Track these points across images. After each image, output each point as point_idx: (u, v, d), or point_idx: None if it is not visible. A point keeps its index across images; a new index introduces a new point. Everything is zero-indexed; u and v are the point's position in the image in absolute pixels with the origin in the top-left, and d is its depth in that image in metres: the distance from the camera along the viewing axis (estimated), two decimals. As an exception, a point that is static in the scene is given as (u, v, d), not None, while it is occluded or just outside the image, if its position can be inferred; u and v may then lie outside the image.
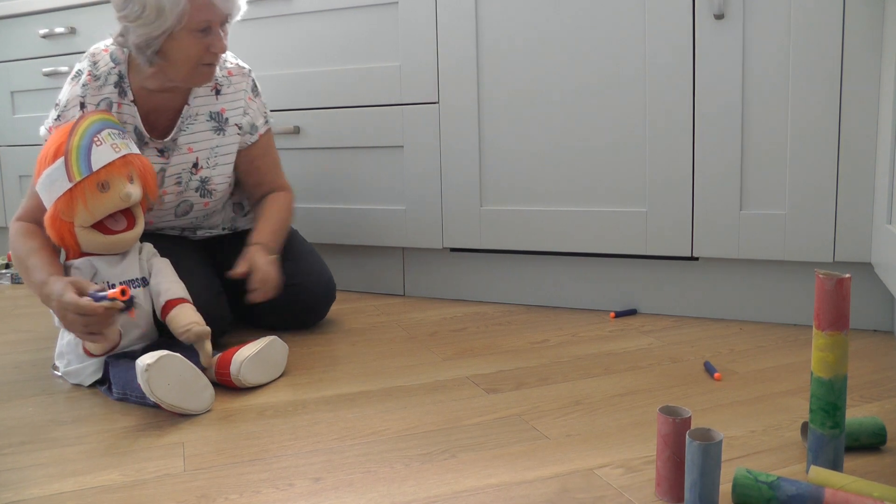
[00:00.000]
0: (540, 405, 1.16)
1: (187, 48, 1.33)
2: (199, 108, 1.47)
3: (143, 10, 1.27)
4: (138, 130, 1.42)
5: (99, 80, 1.39)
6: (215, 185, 1.51)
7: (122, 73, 1.40)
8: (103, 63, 1.40)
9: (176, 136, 1.45)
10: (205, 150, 1.48)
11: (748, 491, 0.84)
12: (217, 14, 1.33)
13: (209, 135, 1.48)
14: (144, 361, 1.08)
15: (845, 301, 0.85)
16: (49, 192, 1.23)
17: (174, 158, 1.46)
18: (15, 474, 0.98)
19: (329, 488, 0.92)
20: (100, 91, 1.39)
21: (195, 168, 1.48)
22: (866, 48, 1.38)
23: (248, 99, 1.52)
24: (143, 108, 1.43)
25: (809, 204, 1.47)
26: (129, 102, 1.41)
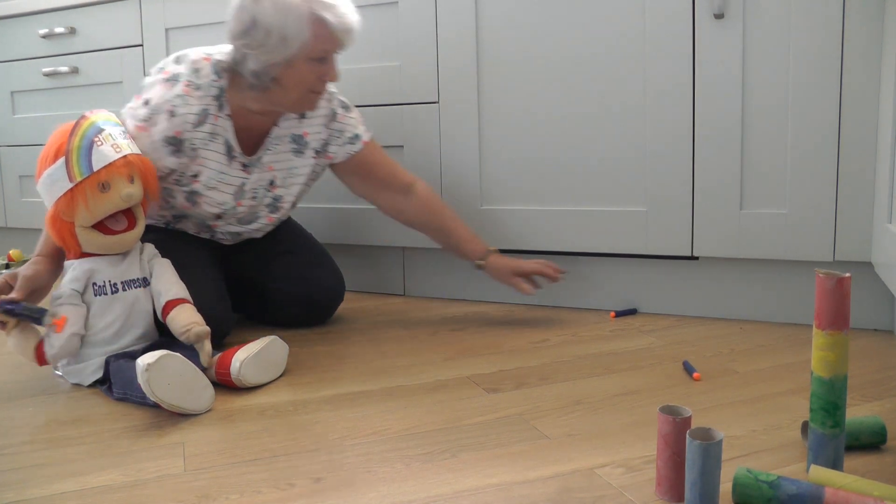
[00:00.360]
0: (541, 405, 1.16)
1: (302, 76, 1.34)
2: (285, 130, 1.49)
3: (267, 37, 1.29)
4: (229, 144, 1.42)
5: (200, 90, 1.37)
6: (285, 203, 1.55)
7: (223, 88, 1.39)
8: (205, 73, 1.38)
9: (261, 155, 1.47)
10: (282, 171, 1.50)
11: (749, 490, 0.84)
12: (336, 44, 1.35)
13: (289, 156, 1.50)
14: (145, 361, 1.08)
15: (845, 300, 0.85)
16: (50, 192, 1.23)
17: (255, 175, 1.47)
18: (16, 474, 0.98)
19: (330, 488, 0.92)
20: (199, 101, 1.37)
21: (271, 185, 1.50)
22: (866, 47, 1.38)
23: (340, 118, 1.53)
24: (238, 125, 1.43)
25: (810, 203, 1.47)
26: (225, 116, 1.40)
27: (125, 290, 1.28)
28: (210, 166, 1.41)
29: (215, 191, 1.44)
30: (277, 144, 1.48)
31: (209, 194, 1.44)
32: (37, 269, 1.30)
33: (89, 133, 1.23)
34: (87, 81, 2.26)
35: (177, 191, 1.44)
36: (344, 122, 1.53)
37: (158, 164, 1.37)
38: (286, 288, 1.61)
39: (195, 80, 1.37)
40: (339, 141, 1.54)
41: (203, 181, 1.42)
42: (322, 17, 1.31)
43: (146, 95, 1.38)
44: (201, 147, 1.39)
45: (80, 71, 2.26)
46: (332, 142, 1.53)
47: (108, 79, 2.22)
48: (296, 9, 1.28)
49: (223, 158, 1.42)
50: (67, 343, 1.24)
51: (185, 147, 1.38)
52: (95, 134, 1.24)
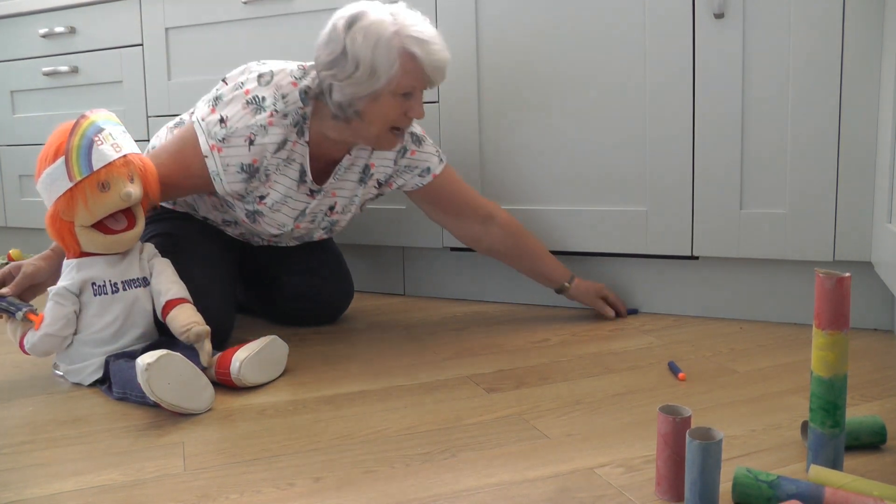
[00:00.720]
0: (540, 404, 1.16)
1: (387, 110, 1.31)
2: (355, 160, 1.46)
3: (357, 69, 1.26)
4: (303, 169, 1.40)
5: (286, 119, 1.33)
6: (339, 227, 1.55)
7: (306, 115, 1.36)
8: (292, 100, 1.33)
9: (331, 181, 1.45)
10: (344, 198, 1.49)
11: (748, 490, 0.84)
12: (424, 81, 1.32)
13: (353, 185, 1.49)
14: (144, 361, 1.08)
15: (845, 300, 0.85)
16: (49, 192, 1.23)
17: (318, 200, 1.45)
18: (15, 474, 0.98)
19: (329, 487, 0.92)
20: (282, 129, 1.33)
21: (331, 211, 1.49)
22: (866, 46, 1.38)
23: (411, 154, 1.49)
24: (313, 152, 1.41)
25: (809, 203, 1.47)
26: (303, 143, 1.38)
27: (125, 290, 1.28)
28: (279, 189, 1.39)
29: (279, 213, 1.43)
30: (346, 172, 1.46)
31: (272, 216, 1.42)
32: (39, 266, 1.32)
33: (89, 132, 1.23)
34: (86, 81, 2.26)
35: (238, 207, 1.42)
36: (414, 157, 1.50)
37: (228, 187, 1.35)
38: (299, 282, 1.62)
39: (282, 107, 1.32)
40: (408, 175, 1.51)
41: (269, 203, 1.40)
42: (413, 53, 1.28)
43: (223, 111, 1.32)
44: (274, 171, 1.37)
45: (79, 70, 2.26)
46: (400, 175, 1.51)
47: (108, 78, 2.22)
48: (387, 42, 1.26)
49: (293, 184, 1.40)
50: (40, 342, 1.25)
51: (259, 174, 1.35)
52: (95, 133, 1.23)
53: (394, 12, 1.29)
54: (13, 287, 1.29)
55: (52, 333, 1.24)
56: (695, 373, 1.29)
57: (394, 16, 1.29)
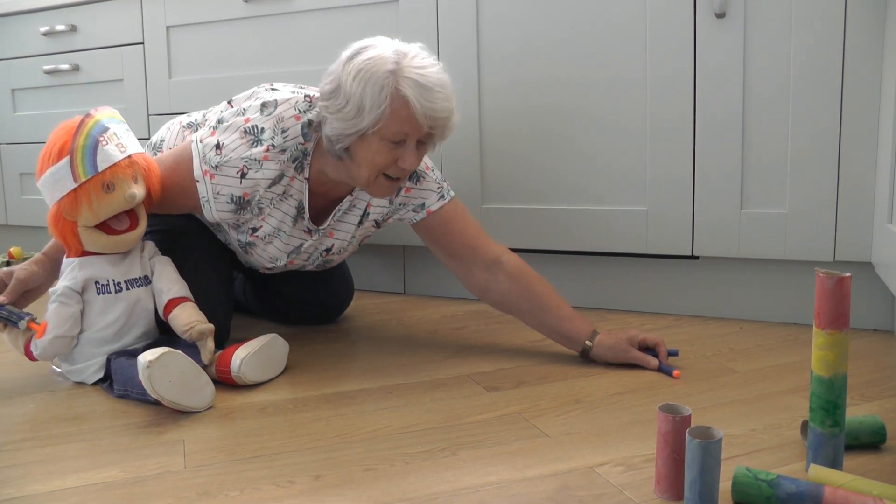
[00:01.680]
0: (540, 403, 1.16)
1: (375, 154, 1.21)
2: (355, 201, 1.40)
3: (346, 104, 1.18)
4: (301, 207, 1.35)
5: (284, 154, 1.27)
6: (334, 263, 1.53)
7: (307, 151, 1.30)
8: (292, 134, 1.27)
9: (330, 222, 1.40)
10: (342, 240, 1.45)
11: (748, 489, 0.84)
12: (416, 129, 1.20)
13: (351, 226, 1.43)
14: (146, 358, 1.09)
15: (845, 300, 0.86)
16: (52, 191, 1.22)
17: (315, 238, 1.41)
18: (17, 470, 0.98)
19: (329, 485, 0.92)
20: (279, 164, 1.27)
21: (327, 252, 1.46)
22: (868, 46, 1.38)
23: (405, 192, 1.39)
24: (314, 190, 1.35)
25: (810, 203, 1.47)
26: (302, 179, 1.32)
27: (128, 290, 1.28)
28: (272, 223, 1.35)
29: (271, 246, 1.40)
30: (346, 214, 1.41)
31: (264, 248, 1.40)
32: (32, 271, 1.30)
33: (94, 132, 1.22)
34: (87, 79, 2.26)
35: (232, 234, 1.40)
36: (409, 195, 1.40)
37: (217, 215, 1.31)
38: (299, 291, 1.63)
39: (280, 142, 1.26)
40: (402, 212, 1.43)
41: (261, 235, 1.37)
42: (405, 97, 1.16)
43: (220, 137, 1.27)
44: (268, 205, 1.32)
45: (80, 69, 2.26)
46: (393, 214, 1.44)
47: (108, 76, 2.22)
48: (379, 80, 1.16)
49: (289, 220, 1.35)
50: (50, 346, 1.25)
51: (251, 207, 1.31)
52: (100, 133, 1.22)
53: (401, 50, 1.19)
54: (8, 294, 1.27)
55: (61, 335, 1.24)
56: (695, 372, 1.29)
57: (398, 54, 1.18)
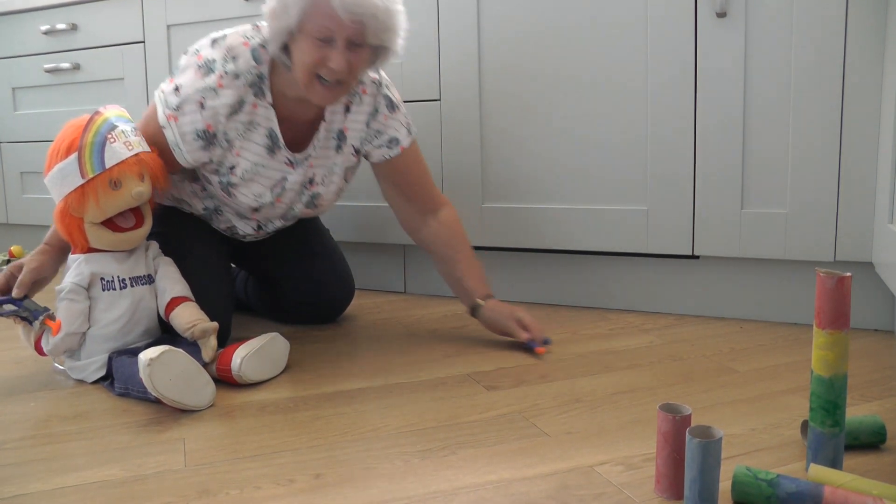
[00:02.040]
0: (540, 402, 1.17)
1: (305, 54, 1.22)
2: (331, 125, 1.41)
3: (276, 4, 1.21)
4: (273, 135, 1.34)
5: (238, 80, 1.28)
6: (323, 201, 1.48)
7: (262, 74, 1.30)
8: (243, 61, 1.28)
9: (310, 151, 1.40)
10: (322, 168, 1.43)
11: (748, 488, 0.84)
12: (340, 26, 1.20)
13: (331, 153, 1.43)
14: (147, 356, 1.09)
15: (846, 299, 0.86)
16: (60, 187, 1.23)
17: (298, 170, 1.40)
18: (17, 469, 0.98)
19: (329, 484, 0.92)
20: (235, 91, 1.28)
21: (310, 184, 1.44)
22: (869, 46, 1.38)
23: (382, 118, 1.43)
24: (281, 115, 1.35)
25: (811, 203, 1.47)
26: (266, 105, 1.32)
27: (133, 287, 1.29)
28: (248, 157, 1.34)
29: (253, 182, 1.37)
30: (325, 140, 1.41)
31: (246, 186, 1.37)
32: (42, 261, 1.30)
33: (103, 129, 1.23)
34: (88, 78, 2.26)
35: (213, 179, 1.38)
36: (385, 122, 1.44)
37: (189, 156, 1.31)
38: (300, 290, 1.63)
39: (232, 68, 1.28)
40: (377, 142, 1.45)
41: (239, 174, 1.35)
42: None
43: (178, 80, 1.30)
44: (237, 138, 1.32)
45: (81, 67, 2.26)
46: (370, 141, 1.45)
47: (109, 75, 2.22)
48: None
49: (264, 151, 1.35)
50: (62, 343, 1.25)
51: (219, 140, 1.31)
52: (109, 131, 1.23)
53: None
54: (21, 287, 1.26)
55: (72, 332, 1.25)
56: (695, 372, 1.29)
57: None
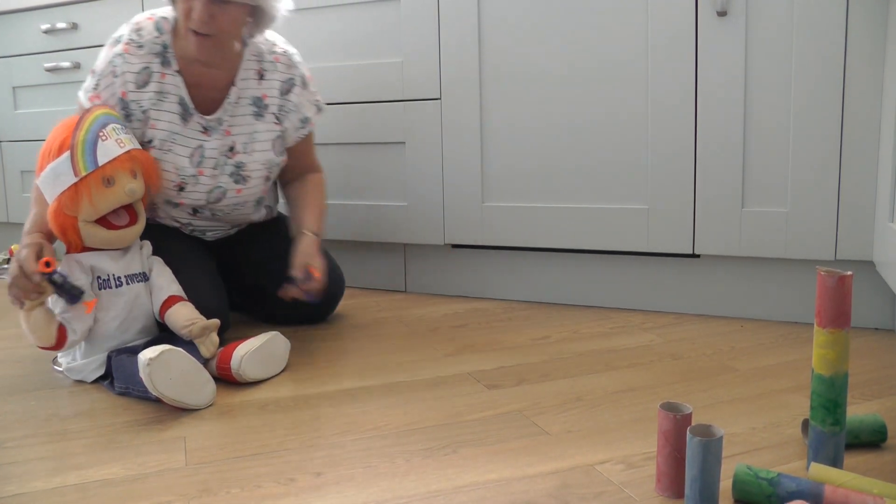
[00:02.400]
0: (541, 401, 1.17)
1: (179, 10, 1.32)
2: (244, 91, 1.45)
3: None
4: (183, 102, 1.40)
5: (142, 48, 1.36)
6: (250, 172, 1.48)
7: (166, 44, 1.38)
8: (147, 31, 1.37)
9: (222, 115, 1.43)
10: (242, 135, 1.46)
11: (748, 487, 0.84)
12: None
13: (249, 119, 1.46)
14: (147, 356, 1.09)
15: (847, 298, 0.86)
16: (53, 186, 1.23)
17: (214, 138, 1.43)
18: (18, 467, 0.98)
19: (330, 483, 0.92)
20: (141, 59, 1.36)
21: (231, 151, 1.45)
22: (869, 44, 1.38)
23: (296, 93, 1.50)
24: (189, 81, 1.40)
25: (811, 201, 1.47)
26: (173, 73, 1.38)
27: (129, 284, 1.29)
28: (162, 127, 1.39)
29: (171, 154, 1.40)
30: (236, 106, 1.45)
31: (165, 158, 1.40)
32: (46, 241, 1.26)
33: (94, 127, 1.23)
34: (89, 77, 2.26)
35: None
36: (299, 98, 1.50)
37: None
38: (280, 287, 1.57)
39: (136, 38, 1.37)
40: (293, 118, 1.50)
41: (157, 145, 1.39)
42: None
43: (94, 67, 1.39)
44: (151, 108, 1.37)
45: (81, 66, 2.26)
46: (287, 116, 1.50)
47: (110, 74, 2.22)
48: None
49: (177, 118, 1.40)
50: (86, 329, 1.24)
51: (134, 110, 1.36)
52: (100, 129, 1.24)
53: None
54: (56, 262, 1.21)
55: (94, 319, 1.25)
56: (695, 370, 1.29)
57: None
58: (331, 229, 1.94)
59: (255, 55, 1.46)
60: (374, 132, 1.85)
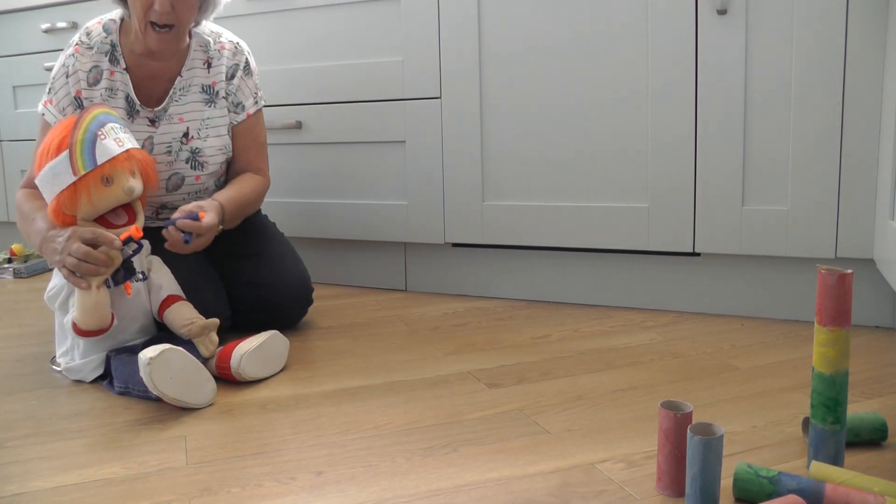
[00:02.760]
0: (541, 400, 1.17)
1: (135, 3, 1.34)
2: (191, 80, 1.49)
3: None
4: (130, 99, 1.44)
5: (92, 49, 1.42)
6: (207, 157, 1.50)
7: (114, 42, 1.43)
8: (96, 33, 1.43)
9: (167, 105, 1.47)
10: (195, 122, 1.49)
11: (749, 486, 0.84)
12: None
13: (200, 106, 1.50)
14: (147, 355, 1.09)
15: (847, 296, 0.85)
16: (52, 186, 1.23)
17: (163, 127, 1.46)
18: (19, 467, 0.98)
19: (331, 482, 0.92)
20: (91, 59, 1.42)
21: (185, 138, 1.48)
22: (870, 42, 1.38)
23: (238, 80, 1.53)
24: (136, 76, 1.44)
25: (812, 200, 1.47)
26: (121, 70, 1.43)
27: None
28: None
29: None
30: (184, 95, 1.48)
31: None
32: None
33: (92, 127, 1.23)
34: (89, 76, 2.26)
35: None
36: (239, 83, 1.53)
37: None
38: (248, 293, 1.53)
39: (86, 40, 1.42)
40: (233, 99, 1.53)
41: None
42: None
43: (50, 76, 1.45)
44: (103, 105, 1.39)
45: (82, 65, 2.26)
46: (227, 98, 1.53)
47: (110, 73, 2.22)
48: None
49: (124, 115, 1.43)
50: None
51: None
52: (98, 127, 1.23)
53: None
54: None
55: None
56: (696, 369, 1.29)
57: None
58: (331, 228, 1.94)
59: (202, 45, 1.51)
60: (374, 131, 1.85)
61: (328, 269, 2.04)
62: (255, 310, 1.54)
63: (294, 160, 1.97)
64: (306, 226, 1.98)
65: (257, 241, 1.60)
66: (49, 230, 1.26)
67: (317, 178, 1.95)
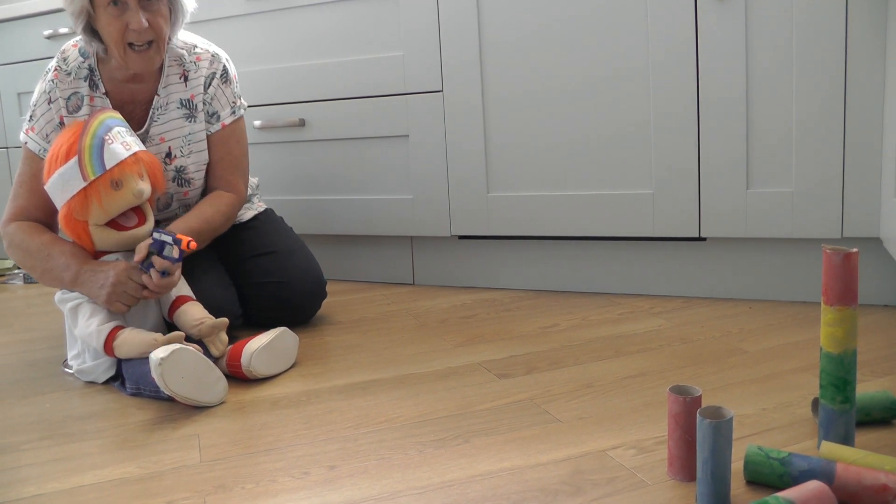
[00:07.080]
0: (551, 389, 1.17)
1: (108, 26, 1.31)
2: (169, 97, 1.45)
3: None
4: None
5: (70, 75, 1.40)
6: (192, 175, 1.48)
7: (91, 67, 1.41)
8: (73, 58, 1.41)
9: (149, 127, 1.44)
10: (177, 139, 1.46)
11: (760, 468, 0.84)
12: None
13: (181, 122, 1.46)
14: (158, 355, 1.10)
15: (853, 275, 0.85)
16: (62, 192, 1.24)
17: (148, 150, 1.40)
18: (35, 469, 0.99)
19: (344, 476, 0.92)
20: (70, 85, 1.40)
21: (169, 158, 1.46)
22: (871, 23, 1.37)
23: (215, 86, 1.49)
24: (116, 100, 1.42)
25: (816, 180, 1.46)
26: (101, 95, 1.42)
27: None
28: None
29: None
30: (164, 113, 1.45)
31: None
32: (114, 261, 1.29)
33: (99, 131, 1.24)
34: (91, 80, 2.26)
35: None
36: (215, 91, 1.49)
37: None
38: (261, 291, 1.54)
39: (64, 66, 1.41)
40: (210, 108, 1.49)
41: None
42: None
43: (31, 103, 1.44)
44: None
45: (84, 70, 2.27)
46: (209, 108, 1.49)
47: (112, 77, 2.22)
48: None
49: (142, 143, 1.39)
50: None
51: None
52: (105, 132, 1.24)
53: None
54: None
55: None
56: (705, 353, 1.29)
57: None
58: (337, 224, 1.95)
59: (176, 60, 1.46)
60: (377, 126, 1.85)
61: (336, 265, 2.04)
62: (270, 308, 1.55)
63: (298, 157, 1.97)
64: (313, 223, 1.98)
65: (268, 238, 1.60)
66: (81, 265, 1.27)
67: (322, 175, 1.96)
